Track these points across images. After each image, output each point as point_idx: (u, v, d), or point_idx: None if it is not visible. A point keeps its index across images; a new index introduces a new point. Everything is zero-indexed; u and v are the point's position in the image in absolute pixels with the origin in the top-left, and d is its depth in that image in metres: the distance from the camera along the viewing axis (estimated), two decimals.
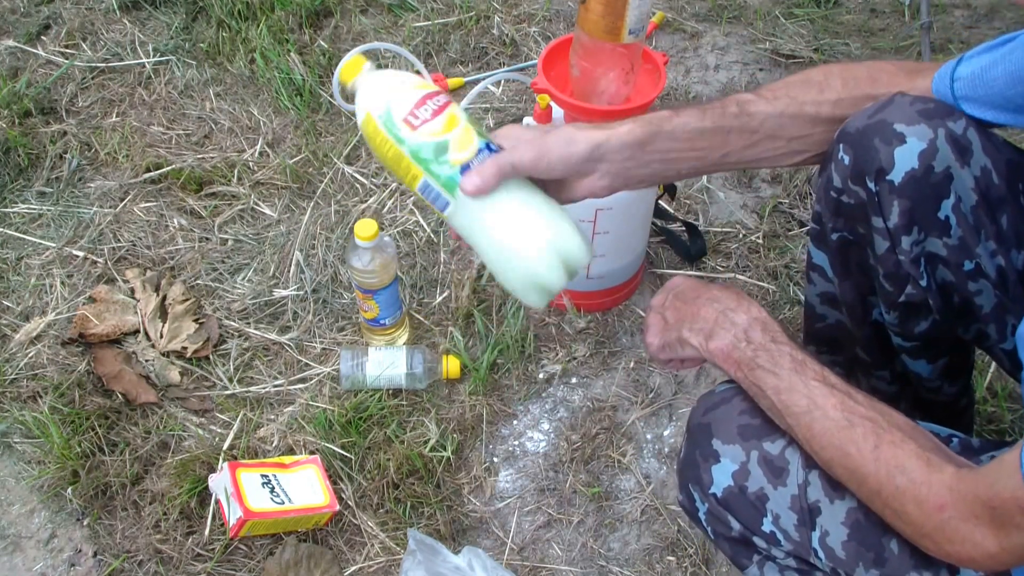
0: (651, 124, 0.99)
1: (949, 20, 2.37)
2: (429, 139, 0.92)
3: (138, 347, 1.64)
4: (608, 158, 0.98)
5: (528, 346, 1.65)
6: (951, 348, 1.13)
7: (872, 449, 0.86)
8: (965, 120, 0.96)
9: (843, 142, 1.00)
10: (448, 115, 0.93)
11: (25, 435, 1.54)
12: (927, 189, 0.95)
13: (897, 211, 0.96)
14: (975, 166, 0.96)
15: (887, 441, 0.86)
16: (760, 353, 0.94)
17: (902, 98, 0.98)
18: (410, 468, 1.47)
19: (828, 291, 1.16)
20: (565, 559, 1.43)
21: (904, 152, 0.95)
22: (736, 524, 0.98)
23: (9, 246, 1.83)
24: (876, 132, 0.96)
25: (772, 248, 1.82)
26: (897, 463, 0.84)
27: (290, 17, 2.25)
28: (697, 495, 1.02)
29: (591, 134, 0.98)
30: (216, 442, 1.53)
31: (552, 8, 2.35)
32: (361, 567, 1.40)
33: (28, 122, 2.04)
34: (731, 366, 0.96)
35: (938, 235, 0.98)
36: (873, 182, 0.97)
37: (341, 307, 1.73)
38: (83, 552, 1.43)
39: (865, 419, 0.88)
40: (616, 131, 0.99)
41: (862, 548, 0.91)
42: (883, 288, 1.04)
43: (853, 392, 0.91)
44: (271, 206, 1.89)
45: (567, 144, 0.96)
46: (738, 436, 0.99)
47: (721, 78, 2.19)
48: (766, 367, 0.93)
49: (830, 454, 0.89)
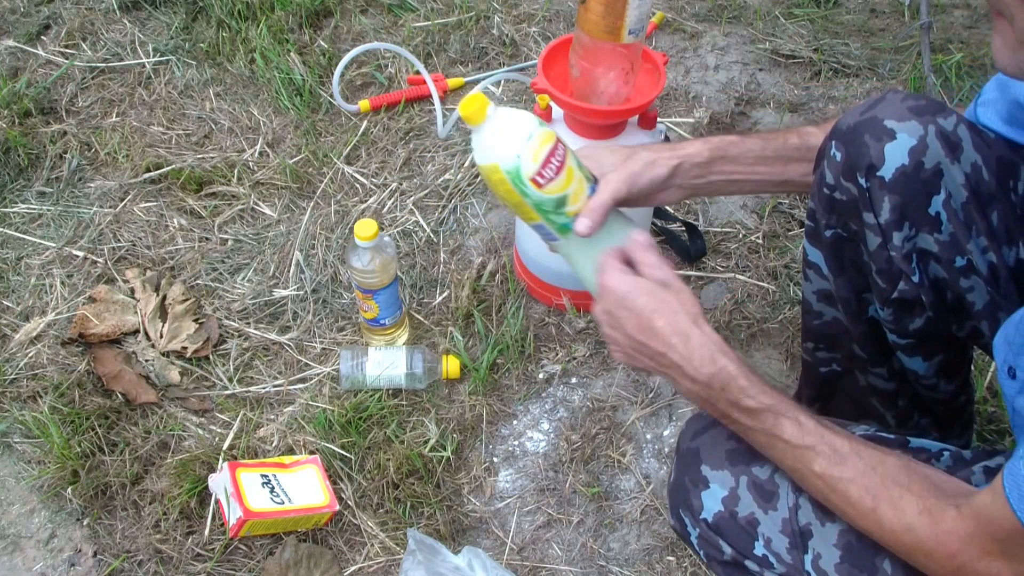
0: (717, 148, 1.13)
1: (949, 20, 2.37)
2: (552, 195, 1.00)
3: (138, 347, 1.64)
4: (681, 175, 1.13)
5: (528, 346, 1.65)
6: (946, 345, 1.13)
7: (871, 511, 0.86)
8: (956, 117, 0.96)
9: (835, 139, 1.00)
10: (567, 169, 1.02)
11: (25, 435, 1.54)
12: (917, 185, 0.95)
13: (888, 207, 0.96)
14: (965, 162, 0.96)
15: (884, 497, 0.86)
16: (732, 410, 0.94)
17: (894, 95, 0.98)
18: (410, 468, 1.47)
19: (824, 288, 1.16)
20: (565, 559, 1.43)
21: (894, 148, 0.95)
22: (728, 549, 0.99)
23: (9, 246, 1.83)
24: (867, 128, 0.97)
25: (772, 248, 1.82)
26: (901, 523, 0.84)
27: (290, 17, 2.26)
28: (688, 520, 1.02)
29: (668, 157, 1.12)
30: (216, 442, 1.53)
31: (552, 8, 2.35)
32: (361, 567, 1.41)
33: (28, 122, 2.04)
34: (708, 411, 0.98)
35: (929, 231, 0.98)
36: (864, 178, 0.97)
37: (341, 307, 1.73)
38: (83, 552, 1.43)
39: (857, 472, 0.87)
40: (687, 151, 1.13)
41: (855, 570, 0.91)
42: (876, 284, 1.04)
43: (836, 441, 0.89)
44: (271, 206, 1.89)
45: (651, 167, 1.10)
46: (727, 461, 0.99)
47: (721, 78, 2.19)
48: (741, 422, 0.94)
49: (836, 511, 0.91)
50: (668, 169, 1.11)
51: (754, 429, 0.92)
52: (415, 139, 2.02)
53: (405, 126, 2.04)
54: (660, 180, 1.11)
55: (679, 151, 1.13)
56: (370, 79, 2.17)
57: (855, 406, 1.26)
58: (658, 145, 1.16)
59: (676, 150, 1.13)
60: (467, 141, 2.01)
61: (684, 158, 1.12)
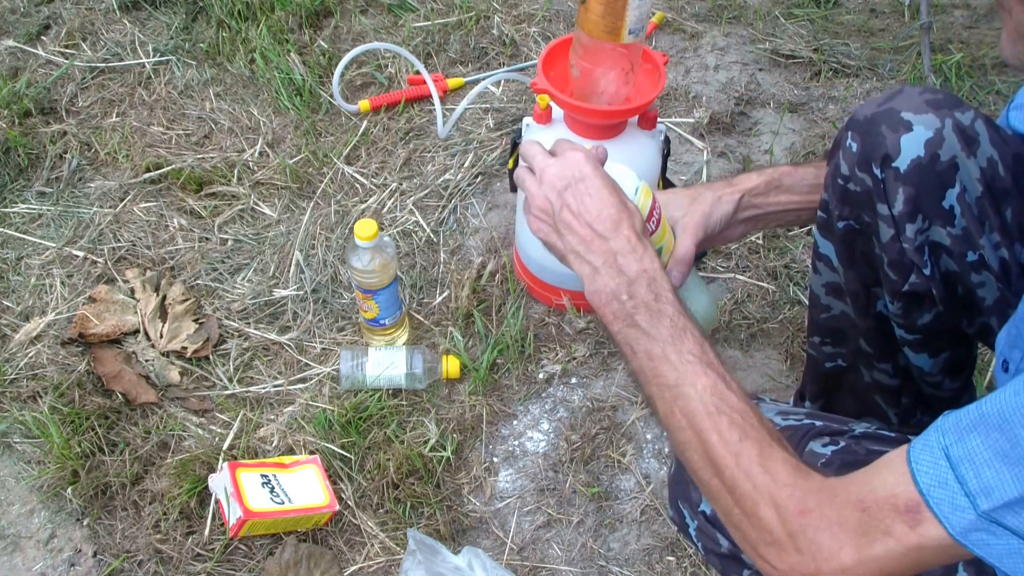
0: (772, 179, 1.17)
1: (949, 20, 2.37)
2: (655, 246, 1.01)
3: (138, 347, 1.64)
4: (743, 208, 1.17)
5: (528, 346, 1.65)
6: (953, 343, 1.13)
7: (736, 441, 0.81)
8: (973, 112, 0.96)
9: (852, 129, 1.00)
10: (664, 223, 1.07)
11: (25, 435, 1.54)
12: (932, 177, 0.95)
13: (902, 198, 0.96)
14: (981, 157, 0.96)
15: (754, 437, 0.81)
16: (640, 310, 0.88)
17: (911, 88, 0.98)
18: (410, 468, 1.47)
19: (833, 281, 1.16)
20: (565, 559, 1.43)
21: (910, 140, 0.95)
22: (725, 541, 0.99)
23: (9, 246, 1.83)
24: (884, 120, 0.97)
25: (772, 248, 1.82)
26: (762, 461, 0.79)
27: (290, 17, 2.26)
28: (687, 512, 1.03)
29: (731, 192, 1.16)
30: (216, 442, 1.53)
31: (552, 8, 2.35)
32: (361, 567, 1.40)
33: (28, 122, 2.04)
34: (608, 316, 0.91)
35: (942, 224, 0.98)
36: (879, 169, 0.97)
37: (341, 307, 1.73)
38: (83, 552, 1.43)
39: (735, 410, 0.82)
40: (745, 185, 1.17)
41: None
42: (887, 277, 1.04)
43: (728, 378, 0.85)
44: (271, 206, 1.89)
45: (718, 205, 1.15)
46: None
47: (721, 78, 2.19)
48: (642, 326, 0.87)
49: (688, 436, 0.84)
50: (734, 204, 1.15)
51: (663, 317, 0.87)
52: (415, 139, 2.02)
53: (405, 126, 2.04)
54: (728, 216, 1.15)
55: (738, 185, 1.17)
56: (370, 79, 2.17)
57: (858, 402, 1.26)
58: (717, 183, 1.18)
59: (734, 185, 1.17)
60: (467, 141, 2.01)
61: (744, 191, 1.16)
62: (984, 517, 0.69)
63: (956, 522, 0.70)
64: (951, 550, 0.72)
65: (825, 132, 2.05)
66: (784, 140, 2.05)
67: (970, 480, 0.70)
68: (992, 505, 0.68)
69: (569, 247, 0.94)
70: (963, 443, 0.71)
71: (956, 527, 0.70)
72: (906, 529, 0.72)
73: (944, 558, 0.73)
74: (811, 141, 2.03)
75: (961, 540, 0.70)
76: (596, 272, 0.91)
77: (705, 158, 1.99)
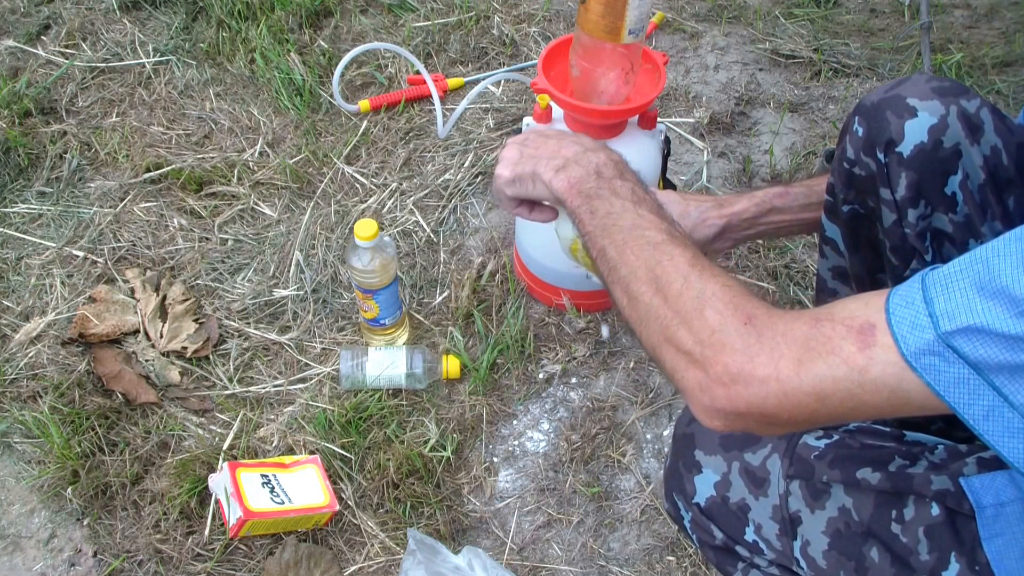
0: (763, 203, 1.21)
1: (949, 20, 2.37)
2: None
3: (138, 347, 1.64)
4: (728, 231, 1.22)
5: (528, 346, 1.65)
6: None
7: (688, 259, 0.81)
8: (979, 100, 0.96)
9: (859, 115, 1.01)
10: None
11: (25, 435, 1.54)
12: (935, 163, 0.95)
13: (905, 183, 0.96)
14: (985, 145, 0.96)
15: (706, 265, 0.80)
16: (604, 185, 0.92)
17: (919, 75, 0.99)
18: (410, 468, 1.47)
19: (839, 265, 1.16)
20: (565, 559, 1.43)
21: (915, 125, 0.95)
22: (719, 533, 1.00)
23: (9, 246, 1.83)
24: (890, 105, 0.97)
25: (772, 248, 1.82)
26: (714, 275, 0.79)
27: (290, 17, 2.26)
28: (681, 504, 1.03)
29: (717, 217, 1.20)
30: (216, 442, 1.53)
31: (552, 8, 2.35)
32: (361, 567, 1.41)
33: (28, 122, 2.04)
34: (572, 196, 0.94)
35: (944, 211, 0.98)
36: (883, 153, 0.97)
37: (341, 307, 1.73)
38: (83, 552, 1.43)
39: (687, 246, 0.83)
40: (734, 210, 1.21)
41: (843, 557, 0.92)
42: (890, 262, 1.04)
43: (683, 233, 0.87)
44: (271, 206, 1.89)
45: (701, 227, 1.20)
46: (720, 447, 1.00)
47: (721, 78, 2.19)
48: (605, 195, 0.91)
49: (635, 265, 0.84)
50: (717, 229, 1.20)
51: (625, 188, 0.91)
52: (415, 139, 2.02)
53: (405, 126, 2.04)
54: (707, 239, 1.20)
55: (726, 210, 1.21)
56: (370, 79, 2.17)
57: None
58: (707, 203, 1.22)
59: (724, 208, 1.21)
60: (467, 141, 2.01)
61: (731, 216, 1.20)
62: (942, 339, 0.66)
63: (913, 341, 0.68)
64: (895, 379, 0.69)
65: (825, 132, 2.05)
66: (784, 140, 2.05)
67: (938, 301, 0.68)
68: (953, 327, 0.66)
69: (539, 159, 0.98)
70: (941, 271, 0.70)
71: (911, 347, 0.67)
72: (854, 350, 0.69)
73: (882, 393, 0.70)
74: (811, 141, 2.04)
75: (912, 362, 0.67)
76: (563, 167, 0.96)
77: (705, 158, 1.99)
